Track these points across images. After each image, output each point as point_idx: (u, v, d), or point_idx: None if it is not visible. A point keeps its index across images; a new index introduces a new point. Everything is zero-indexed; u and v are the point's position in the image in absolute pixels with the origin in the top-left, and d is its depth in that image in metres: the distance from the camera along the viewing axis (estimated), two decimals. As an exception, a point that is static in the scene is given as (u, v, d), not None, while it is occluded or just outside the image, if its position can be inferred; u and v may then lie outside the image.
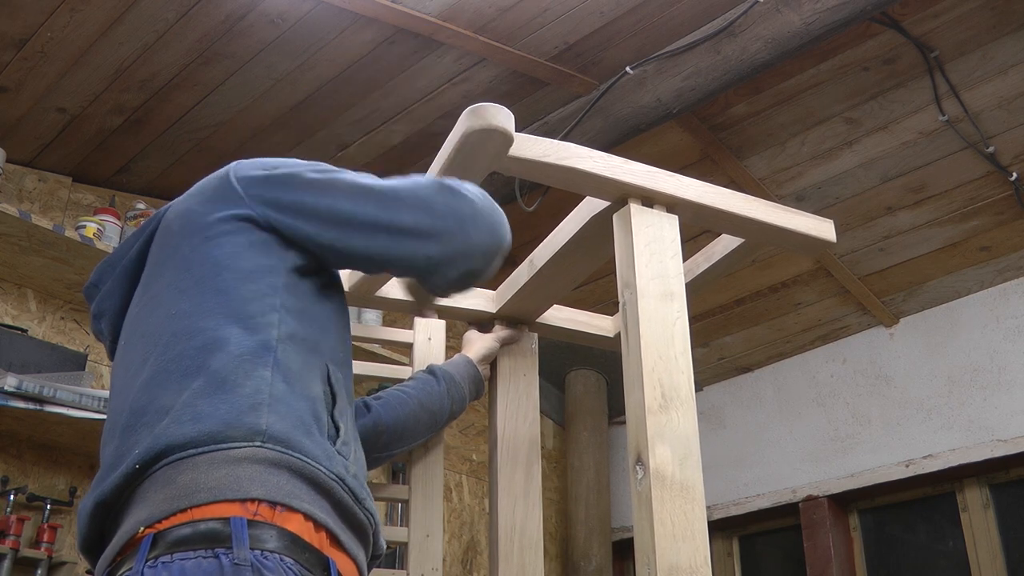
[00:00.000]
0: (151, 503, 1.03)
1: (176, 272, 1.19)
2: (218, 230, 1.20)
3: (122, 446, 1.09)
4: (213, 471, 1.03)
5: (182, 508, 1.01)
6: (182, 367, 1.10)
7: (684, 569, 1.28)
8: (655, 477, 1.31)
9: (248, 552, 0.99)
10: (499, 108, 1.37)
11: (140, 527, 1.01)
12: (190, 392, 1.08)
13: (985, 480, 3.50)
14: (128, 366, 1.17)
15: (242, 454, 1.04)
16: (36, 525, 2.68)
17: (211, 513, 1.01)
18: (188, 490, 1.02)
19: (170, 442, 1.04)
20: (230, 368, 1.09)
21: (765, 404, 4.14)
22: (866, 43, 2.81)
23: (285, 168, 1.26)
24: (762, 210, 1.60)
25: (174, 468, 1.04)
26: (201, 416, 1.06)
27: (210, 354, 1.10)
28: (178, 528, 1.00)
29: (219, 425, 1.05)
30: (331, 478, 1.10)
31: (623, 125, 2.92)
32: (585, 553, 4.04)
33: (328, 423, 1.15)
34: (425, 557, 1.78)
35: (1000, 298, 3.56)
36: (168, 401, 1.08)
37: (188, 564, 0.98)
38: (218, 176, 1.28)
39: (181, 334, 1.13)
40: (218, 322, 1.13)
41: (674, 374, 1.38)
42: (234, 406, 1.07)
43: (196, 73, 2.79)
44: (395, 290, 1.88)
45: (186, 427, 1.05)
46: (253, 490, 1.03)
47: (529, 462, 1.85)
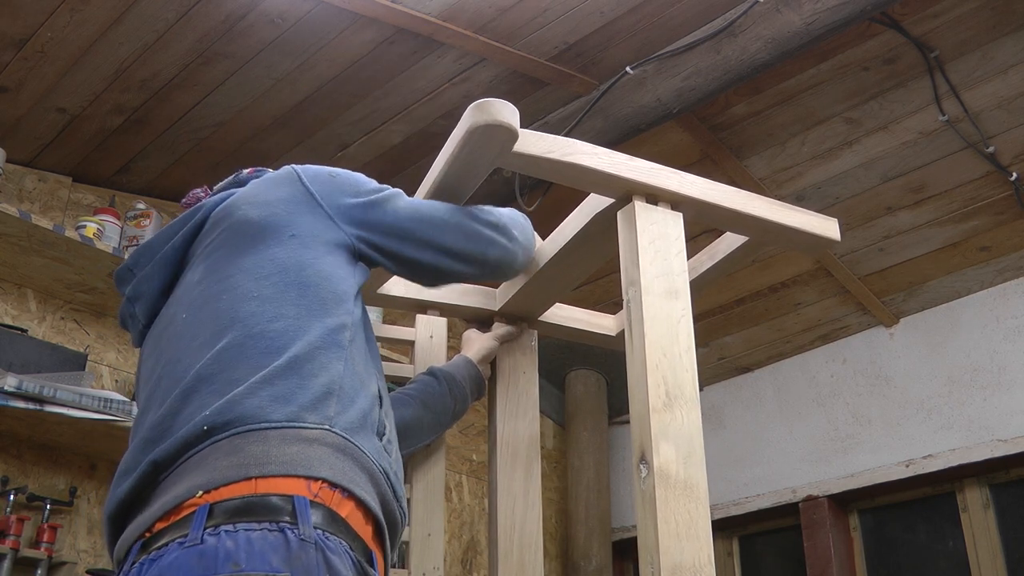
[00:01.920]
0: (212, 469, 1.04)
1: (257, 260, 1.23)
2: (308, 233, 1.28)
3: (182, 408, 1.10)
4: (285, 447, 1.07)
5: (248, 476, 1.03)
6: (262, 345, 1.15)
7: (688, 568, 1.28)
8: (659, 476, 1.31)
9: (312, 530, 1.01)
10: (504, 103, 1.37)
11: (198, 491, 1.02)
12: (269, 370, 1.12)
13: (985, 480, 3.50)
14: (193, 337, 1.18)
15: (314, 435, 1.09)
16: (36, 525, 2.68)
17: (276, 487, 1.03)
18: (258, 460, 1.05)
19: (244, 412, 1.08)
20: (309, 355, 1.16)
21: (765, 404, 4.14)
22: (866, 43, 2.81)
23: (358, 190, 1.39)
24: (766, 208, 1.60)
25: (243, 438, 1.06)
26: (278, 394, 1.10)
27: (291, 339, 1.16)
28: (240, 498, 1.02)
29: (295, 406, 1.10)
30: (379, 471, 1.16)
31: (623, 125, 2.92)
32: (585, 553, 4.04)
33: (378, 421, 1.23)
34: (426, 556, 1.78)
35: (1000, 298, 3.56)
36: (243, 374, 1.12)
37: (254, 535, 0.99)
38: (290, 179, 1.35)
39: (263, 316, 1.17)
40: (300, 312, 1.19)
41: (678, 372, 1.38)
42: (309, 391, 1.12)
43: (196, 73, 2.79)
44: (396, 288, 1.88)
45: (264, 401, 1.09)
46: (322, 470, 1.07)
47: (528, 461, 1.85)
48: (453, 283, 1.59)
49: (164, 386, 1.16)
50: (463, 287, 1.95)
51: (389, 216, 1.38)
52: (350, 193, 1.37)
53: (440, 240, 1.43)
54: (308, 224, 1.29)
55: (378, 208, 1.38)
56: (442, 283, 1.55)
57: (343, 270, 1.30)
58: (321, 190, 1.34)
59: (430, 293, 1.91)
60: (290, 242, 1.26)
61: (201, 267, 1.28)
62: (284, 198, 1.32)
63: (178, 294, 1.30)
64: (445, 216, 1.45)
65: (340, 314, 1.24)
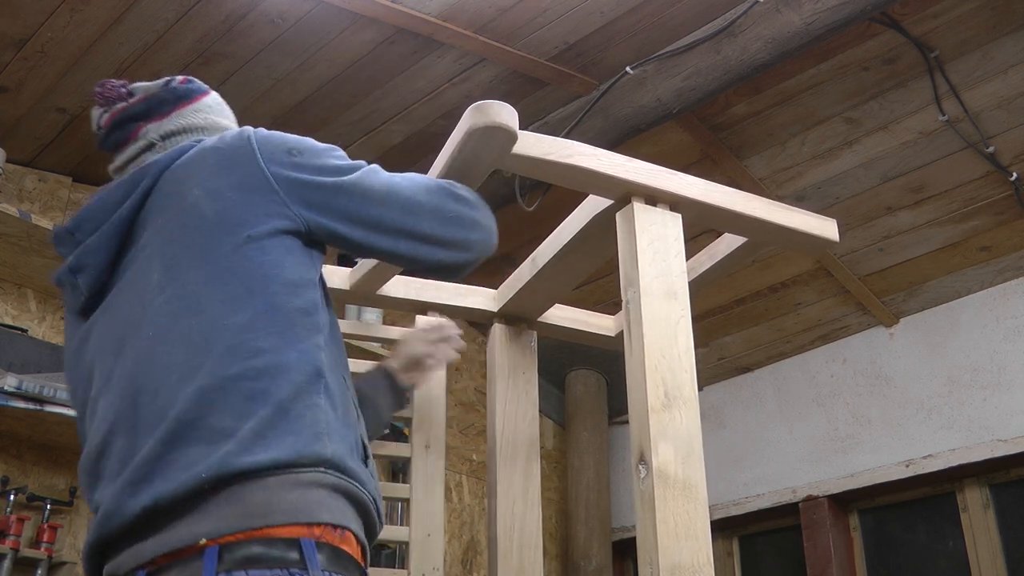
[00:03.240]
0: (216, 517, 1.05)
1: (217, 272, 1.18)
2: (261, 231, 1.21)
3: (167, 454, 1.08)
4: (285, 494, 1.07)
5: (256, 527, 1.04)
6: (244, 390, 1.11)
7: (687, 568, 1.28)
8: (658, 476, 1.31)
9: (321, 573, 1.05)
10: (503, 105, 1.37)
11: (201, 539, 1.03)
12: (257, 420, 1.10)
13: (985, 480, 3.50)
14: (167, 367, 1.13)
15: (309, 479, 1.10)
16: (36, 525, 2.68)
17: (283, 534, 1.05)
18: (262, 510, 1.05)
19: (242, 469, 1.07)
20: (294, 397, 1.13)
21: (765, 404, 4.14)
22: (866, 43, 2.81)
23: (320, 170, 1.28)
24: (765, 209, 1.60)
25: (243, 488, 1.06)
26: (271, 445, 1.09)
27: (272, 380, 1.13)
28: (249, 544, 1.03)
29: (289, 454, 1.09)
30: (369, 499, 1.18)
31: (623, 125, 2.91)
32: (585, 553, 4.04)
33: (361, 445, 1.23)
34: (426, 556, 1.78)
35: (1000, 298, 3.56)
36: (230, 423, 1.09)
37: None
38: (245, 156, 1.25)
39: (239, 351, 1.13)
40: (274, 343, 1.15)
41: (677, 373, 1.38)
42: (301, 436, 1.11)
43: (196, 73, 2.77)
44: (395, 289, 1.88)
45: (258, 456, 1.08)
46: (322, 515, 1.09)
47: (528, 461, 1.85)
48: (427, 275, 1.47)
49: (141, 416, 1.12)
50: (464, 287, 1.96)
51: (356, 202, 1.28)
52: (312, 171, 1.26)
53: (415, 227, 1.32)
54: (263, 219, 1.21)
55: (343, 194, 1.27)
56: (425, 273, 1.42)
57: (303, 267, 1.23)
58: (278, 172, 1.24)
59: (430, 294, 1.91)
60: (246, 247, 1.19)
61: (157, 262, 1.20)
62: (236, 184, 1.22)
63: (137, 288, 1.21)
64: (421, 198, 1.33)
65: (312, 332, 1.19)
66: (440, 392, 1.91)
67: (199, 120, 1.41)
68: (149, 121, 1.38)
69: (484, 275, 3.42)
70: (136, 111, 1.39)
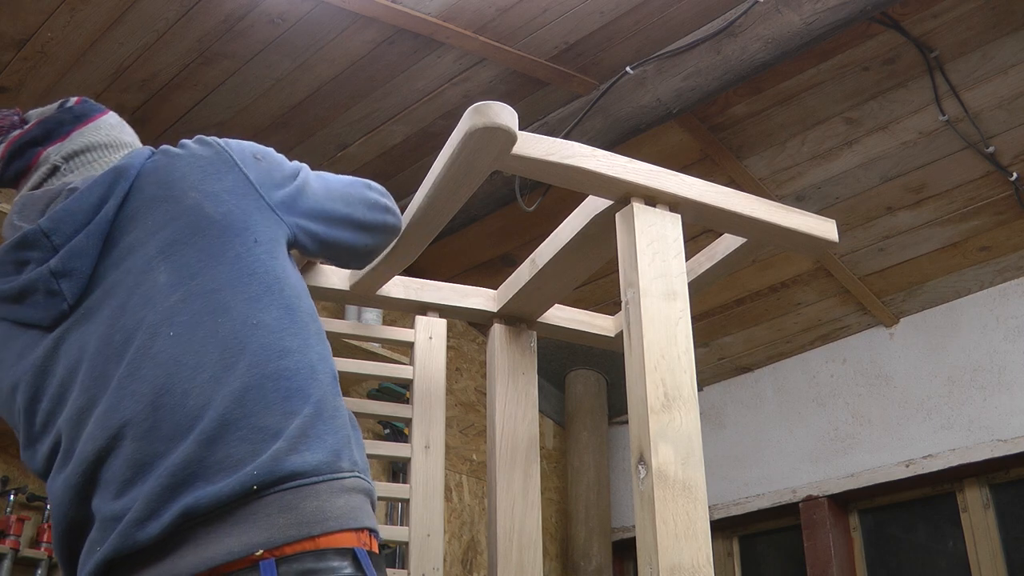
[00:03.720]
0: (269, 526, 1.02)
1: (236, 272, 1.16)
2: (266, 236, 1.22)
3: (208, 455, 1.05)
4: (334, 500, 1.07)
5: (311, 535, 1.03)
6: (282, 388, 1.10)
7: (686, 569, 1.28)
8: (657, 476, 1.31)
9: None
10: (502, 106, 1.37)
11: (258, 550, 1.00)
12: (302, 418, 1.09)
13: (985, 480, 3.50)
14: (196, 367, 1.09)
15: (350, 484, 1.11)
16: (36, 525, 2.68)
17: (335, 542, 1.05)
18: (316, 517, 1.04)
19: (293, 468, 1.05)
20: (324, 399, 1.14)
21: (765, 404, 4.14)
22: (866, 43, 2.81)
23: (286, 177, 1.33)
24: (765, 210, 1.60)
25: (294, 494, 1.05)
26: (314, 446, 1.08)
27: (308, 381, 1.13)
28: (304, 556, 1.02)
29: (332, 455, 1.10)
30: (373, 493, 1.19)
31: (623, 125, 2.91)
32: (585, 553, 4.04)
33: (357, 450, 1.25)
34: (426, 556, 1.78)
35: (1000, 298, 3.56)
36: (275, 422, 1.08)
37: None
38: (227, 163, 1.25)
39: (272, 351, 1.12)
40: (299, 344, 1.16)
41: (677, 373, 1.38)
42: (338, 437, 1.12)
43: (196, 73, 2.79)
44: (395, 290, 1.88)
45: (306, 456, 1.07)
46: (365, 520, 1.11)
47: (528, 461, 1.85)
48: (359, 262, 1.50)
49: (163, 419, 1.07)
50: (463, 287, 1.96)
51: (310, 200, 1.32)
52: (279, 180, 1.29)
53: (354, 215, 1.38)
54: (262, 224, 1.22)
55: (304, 194, 1.31)
56: (357, 263, 1.48)
57: (296, 272, 1.26)
58: (259, 179, 1.26)
59: (429, 295, 1.91)
60: (256, 249, 1.19)
61: (162, 263, 1.16)
62: (230, 189, 1.22)
63: (137, 291, 1.15)
64: (348, 189, 1.40)
65: (320, 337, 1.21)
66: (439, 393, 1.91)
67: (101, 137, 1.35)
68: (48, 144, 1.32)
69: (484, 275, 3.42)
70: (33, 136, 1.32)
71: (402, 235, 1.63)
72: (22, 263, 1.21)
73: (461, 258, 3.67)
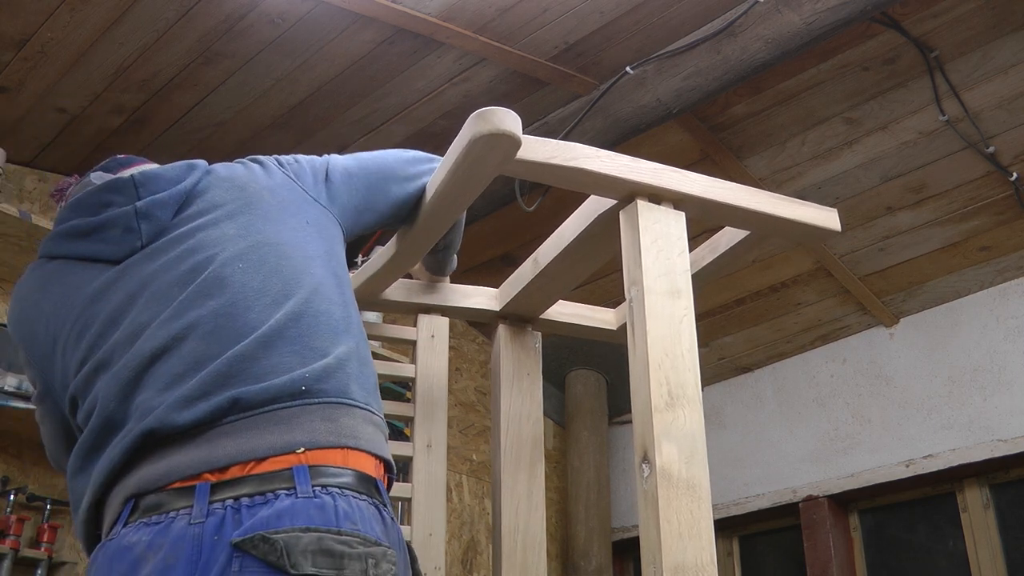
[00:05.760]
0: (312, 430, 1.12)
1: (299, 238, 1.31)
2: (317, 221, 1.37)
3: (262, 356, 1.15)
4: (366, 426, 1.20)
5: (344, 445, 1.13)
6: (332, 324, 1.24)
7: (690, 568, 1.28)
8: (661, 475, 1.31)
9: (390, 511, 1.18)
10: (506, 112, 1.36)
11: (300, 447, 1.10)
12: (347, 349, 1.23)
13: (985, 480, 3.51)
14: (259, 292, 1.22)
15: (376, 420, 1.24)
16: (36, 525, 2.68)
17: (361, 463, 1.15)
18: (351, 433, 1.16)
19: (337, 385, 1.18)
20: (359, 346, 1.27)
21: (765, 404, 4.14)
22: (866, 43, 2.82)
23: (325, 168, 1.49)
24: (767, 202, 1.60)
25: (334, 409, 1.16)
26: (356, 376, 1.22)
27: (349, 326, 1.27)
28: (339, 468, 1.11)
29: (366, 391, 1.23)
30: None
31: (623, 125, 2.91)
32: (585, 553, 4.04)
33: None
34: (427, 556, 1.78)
35: (1000, 298, 3.56)
36: (323, 344, 1.21)
37: (363, 504, 1.11)
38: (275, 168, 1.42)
39: (325, 296, 1.26)
40: (344, 301, 1.30)
41: (681, 372, 1.38)
42: (370, 378, 1.26)
43: (196, 73, 2.79)
44: (397, 292, 1.88)
45: (350, 379, 1.20)
46: (384, 452, 1.23)
47: (532, 462, 1.85)
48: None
49: (224, 325, 1.17)
50: (465, 287, 1.95)
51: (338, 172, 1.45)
52: (320, 177, 1.44)
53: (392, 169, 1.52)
54: (311, 212, 1.37)
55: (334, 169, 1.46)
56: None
57: (344, 267, 1.38)
58: (301, 177, 1.41)
59: (431, 296, 1.91)
60: (308, 228, 1.33)
61: (228, 223, 1.29)
62: (282, 185, 1.37)
63: (201, 241, 1.26)
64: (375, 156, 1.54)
65: (358, 316, 1.33)
66: (441, 392, 1.91)
67: None
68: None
69: (485, 275, 3.42)
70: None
71: (405, 240, 1.63)
72: (104, 204, 1.31)
73: (461, 258, 3.63)
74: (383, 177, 1.50)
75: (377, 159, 1.53)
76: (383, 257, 1.74)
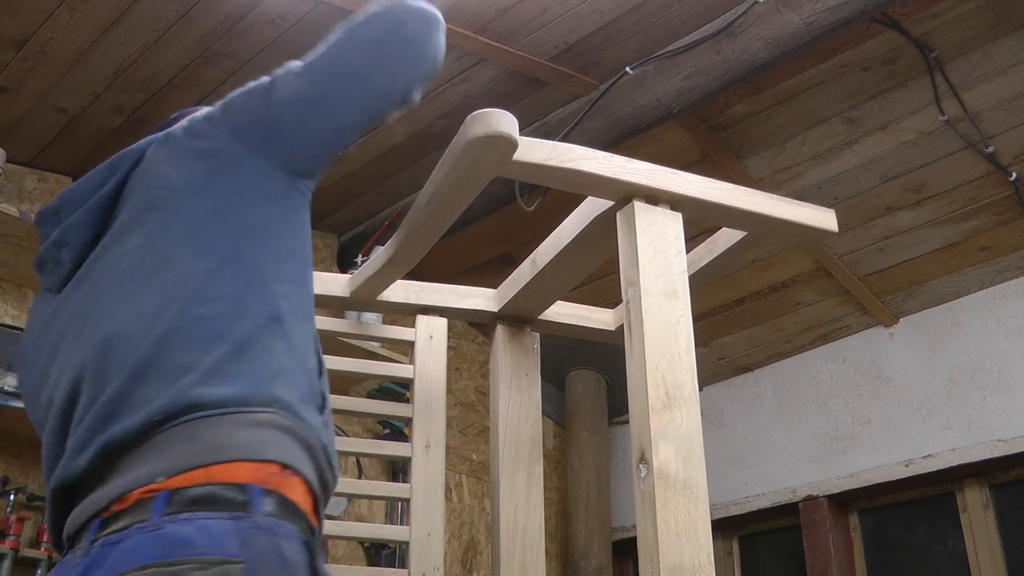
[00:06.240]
0: (172, 455, 1.06)
1: (191, 230, 1.20)
2: (236, 187, 1.24)
3: (131, 392, 1.10)
4: (237, 432, 1.09)
5: (205, 464, 1.05)
6: (206, 329, 1.14)
7: (687, 568, 1.28)
8: (658, 476, 1.31)
9: (265, 518, 1.05)
10: (503, 114, 1.36)
11: (159, 477, 1.04)
12: (217, 354, 1.12)
13: (985, 480, 3.50)
14: (137, 314, 1.16)
15: (263, 419, 1.11)
16: (36, 525, 2.68)
17: (231, 474, 1.05)
18: (214, 447, 1.06)
19: (198, 400, 1.08)
20: (252, 337, 1.15)
21: (765, 404, 4.14)
22: (866, 43, 2.81)
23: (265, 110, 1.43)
24: (764, 203, 1.60)
25: (195, 426, 1.08)
26: (227, 379, 1.11)
27: (232, 322, 1.15)
28: (198, 487, 1.04)
29: (244, 390, 1.11)
30: (320, 445, 1.16)
31: (623, 125, 2.92)
32: (585, 553, 4.04)
33: (319, 395, 1.23)
34: (426, 556, 1.78)
35: (1000, 298, 3.56)
36: (191, 359, 1.11)
37: (211, 522, 1.02)
38: (206, 130, 1.30)
39: (202, 297, 1.16)
40: (238, 289, 1.18)
41: (678, 372, 1.38)
42: (255, 374, 1.13)
43: (196, 73, 2.79)
44: (395, 293, 1.88)
45: (214, 388, 1.10)
46: (270, 452, 1.09)
47: (531, 462, 1.85)
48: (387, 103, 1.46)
49: (110, 362, 1.14)
50: (464, 288, 1.96)
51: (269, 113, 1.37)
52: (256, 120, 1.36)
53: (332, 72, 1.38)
54: (230, 177, 1.25)
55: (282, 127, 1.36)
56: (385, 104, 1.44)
57: (272, 210, 1.25)
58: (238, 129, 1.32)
59: (430, 297, 1.92)
60: (219, 203, 1.22)
61: (136, 231, 1.23)
62: (196, 153, 1.26)
63: (116, 253, 1.23)
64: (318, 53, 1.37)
65: (278, 281, 1.21)
66: (440, 392, 1.91)
67: None
68: None
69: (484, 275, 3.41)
70: None
71: (404, 241, 1.63)
72: (43, 238, 1.32)
73: (461, 258, 3.66)
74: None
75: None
76: (382, 258, 1.75)
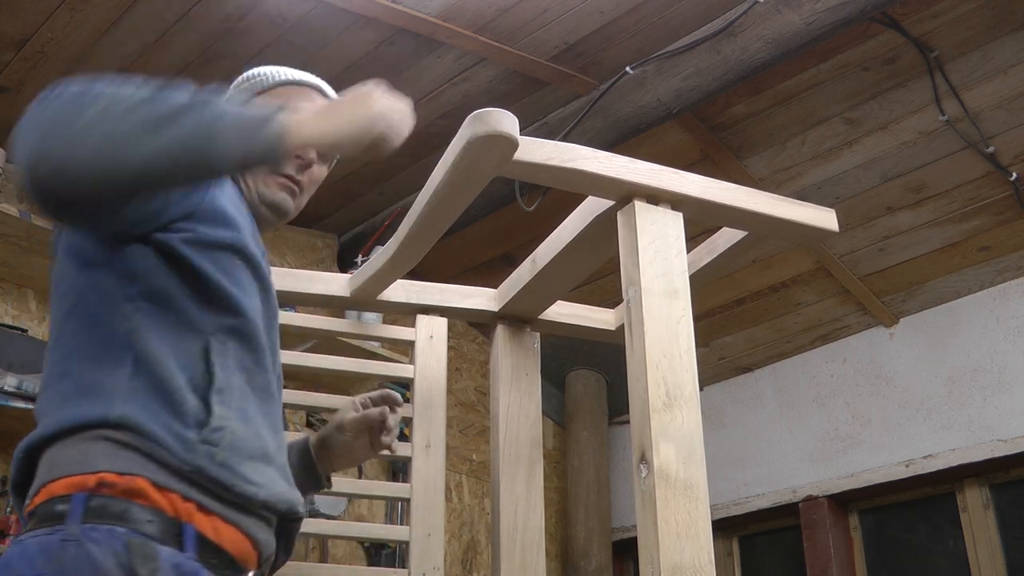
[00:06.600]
0: (36, 477, 1.15)
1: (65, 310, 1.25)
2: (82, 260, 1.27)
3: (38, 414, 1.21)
4: (67, 450, 1.12)
5: (43, 483, 1.12)
6: (57, 371, 1.20)
7: (688, 568, 1.28)
8: (659, 476, 1.31)
9: (78, 527, 1.05)
10: (503, 113, 1.36)
11: (29, 498, 1.14)
12: (57, 393, 1.18)
13: (985, 480, 3.50)
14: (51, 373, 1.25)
15: (94, 435, 1.12)
16: (36, 526, 2.67)
17: (61, 488, 1.09)
18: (48, 467, 1.13)
19: (43, 434, 1.15)
20: (90, 371, 1.16)
21: (765, 404, 4.13)
22: (866, 43, 2.81)
23: None
24: (764, 203, 1.61)
25: (54, 448, 1.14)
26: (63, 414, 1.15)
27: (71, 361, 1.19)
28: (39, 505, 1.11)
29: (77, 419, 1.13)
30: (188, 468, 1.11)
31: (623, 125, 2.92)
32: (585, 553, 4.04)
33: (197, 409, 1.15)
34: (426, 556, 1.78)
35: (1000, 298, 3.56)
36: (47, 397, 1.20)
37: (30, 541, 1.07)
38: None
39: (56, 338, 1.23)
40: (76, 327, 1.21)
41: (678, 372, 1.38)
42: (95, 403, 1.14)
43: (196, 73, 2.79)
44: (396, 293, 1.88)
45: (53, 421, 1.15)
46: (99, 464, 1.10)
47: (531, 462, 1.85)
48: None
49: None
50: (464, 288, 1.96)
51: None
52: None
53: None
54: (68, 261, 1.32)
55: None
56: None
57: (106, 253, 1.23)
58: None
59: (430, 297, 1.91)
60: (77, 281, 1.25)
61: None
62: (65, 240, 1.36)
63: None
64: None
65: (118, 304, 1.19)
66: (439, 392, 1.91)
67: None
68: None
69: (484, 275, 3.41)
70: None
71: (404, 241, 1.63)
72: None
73: (461, 258, 3.66)
74: None
75: None
76: (382, 258, 1.75)
